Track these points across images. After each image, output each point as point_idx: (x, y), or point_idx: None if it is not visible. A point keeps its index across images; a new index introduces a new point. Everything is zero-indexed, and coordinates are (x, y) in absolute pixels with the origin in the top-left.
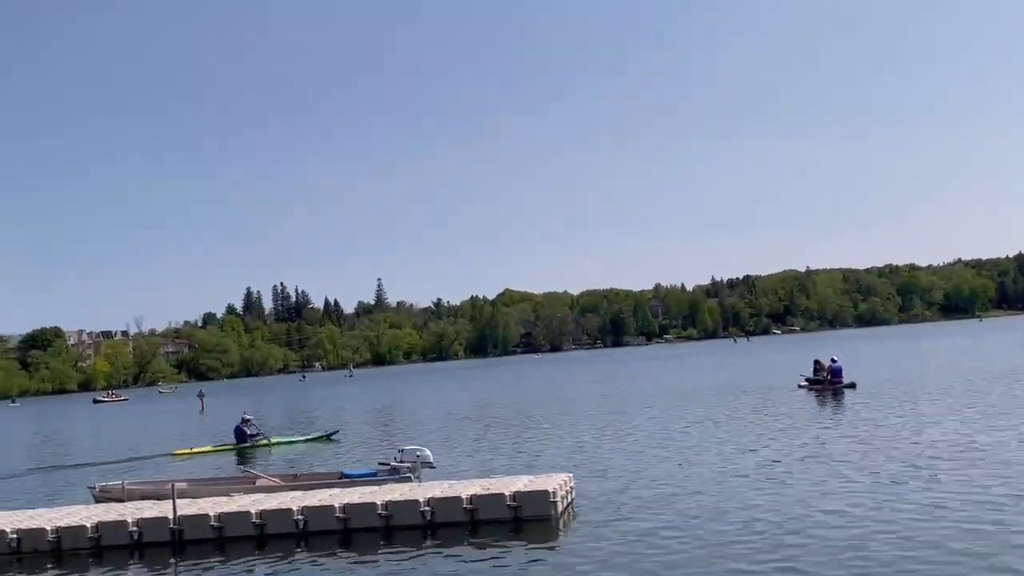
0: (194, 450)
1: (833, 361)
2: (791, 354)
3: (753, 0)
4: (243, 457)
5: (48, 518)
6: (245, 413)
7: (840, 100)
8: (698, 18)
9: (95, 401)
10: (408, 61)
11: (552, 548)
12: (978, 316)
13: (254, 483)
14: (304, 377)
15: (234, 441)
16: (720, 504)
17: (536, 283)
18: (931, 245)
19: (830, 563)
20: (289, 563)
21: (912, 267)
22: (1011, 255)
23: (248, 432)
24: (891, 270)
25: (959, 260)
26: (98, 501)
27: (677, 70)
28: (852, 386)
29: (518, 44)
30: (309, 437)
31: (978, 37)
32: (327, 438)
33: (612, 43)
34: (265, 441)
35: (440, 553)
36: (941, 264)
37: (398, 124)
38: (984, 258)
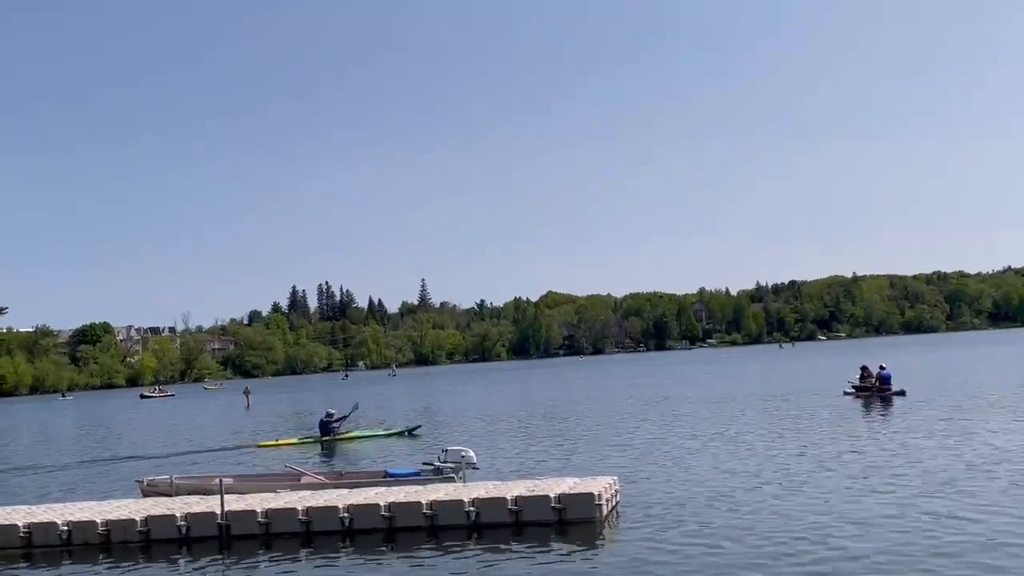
0: (279, 442)
1: (882, 368)
2: (837, 360)
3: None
4: (327, 449)
5: (97, 511)
6: (329, 409)
7: (891, 106)
8: (762, 15)
9: (142, 396)
10: (453, 59)
11: (596, 551)
12: None
13: (299, 480)
14: (347, 376)
15: (318, 434)
16: (766, 512)
17: (579, 285)
18: (980, 252)
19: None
20: (334, 560)
21: (961, 274)
22: None
23: (332, 424)
24: (939, 277)
25: (1009, 268)
26: (145, 495)
27: (729, 72)
28: (901, 393)
29: (560, 40)
30: (391, 432)
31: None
32: (409, 433)
33: (666, 39)
34: (349, 434)
35: (484, 553)
36: (991, 272)
37: (443, 125)
38: None
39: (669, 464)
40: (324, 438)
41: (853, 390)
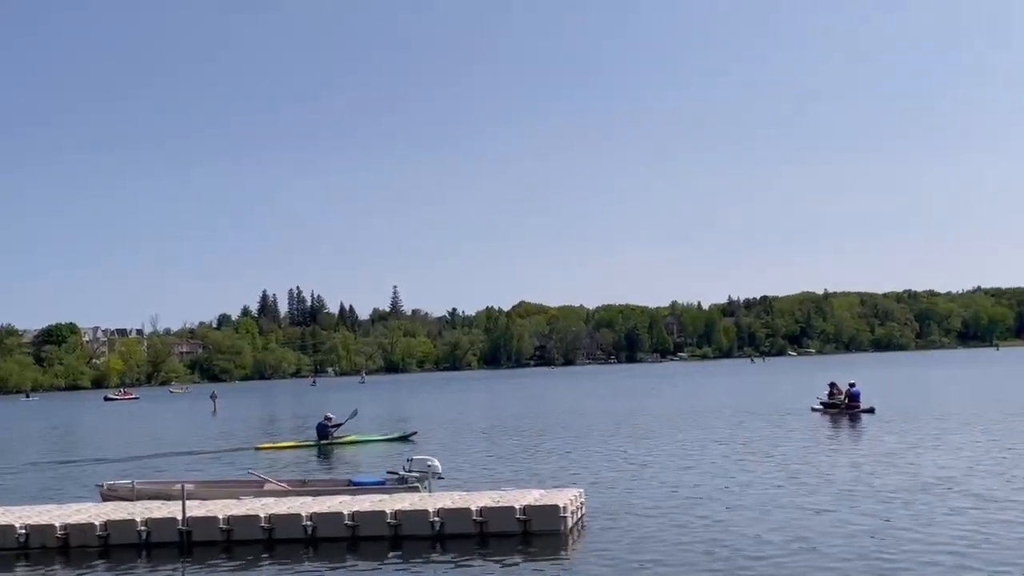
0: (277, 444)
1: (851, 385)
2: (807, 376)
3: (783, 22)
4: (324, 453)
5: (56, 515)
6: (328, 413)
7: (865, 125)
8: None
9: (106, 399)
10: (425, 67)
11: (560, 563)
12: (996, 345)
13: (262, 487)
14: (315, 382)
15: (316, 438)
16: (729, 525)
17: (551, 296)
18: (950, 272)
19: None
20: (297, 569)
21: (931, 293)
22: None
23: (329, 428)
24: (909, 295)
25: (979, 288)
26: (105, 499)
27: (705, 88)
28: (871, 411)
29: (537, 53)
30: (388, 437)
31: (999, 66)
32: (405, 438)
33: (641, 55)
34: (347, 438)
35: (448, 564)
36: (960, 291)
37: (417, 133)
38: (1004, 286)
39: (636, 478)
40: (322, 442)
41: (821, 407)
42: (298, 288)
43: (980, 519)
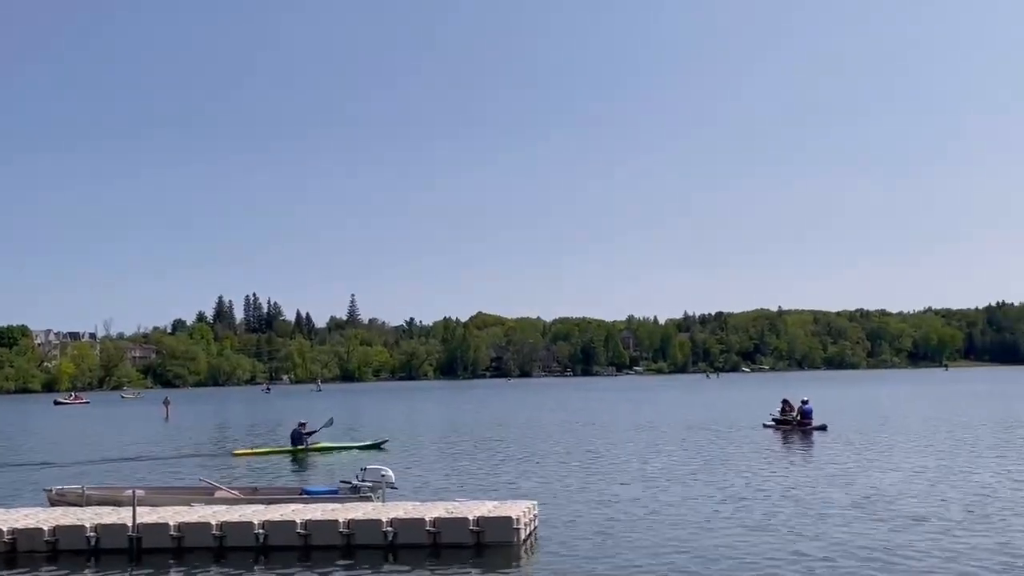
0: (255, 450)
1: (804, 402)
2: (761, 393)
3: (747, 45)
4: (298, 460)
5: (3, 519)
6: (301, 419)
7: (823, 144)
8: (691, 54)
9: (56, 403)
10: (387, 77)
11: (511, 574)
12: (945, 365)
13: (213, 494)
14: (268, 389)
15: (291, 444)
16: (680, 539)
17: (509, 308)
18: (902, 292)
19: None
20: None
21: (883, 313)
22: (981, 307)
23: (304, 434)
24: (862, 314)
25: (929, 309)
26: (53, 505)
27: (661, 104)
28: (823, 428)
29: (505, 70)
30: (361, 444)
31: (958, 90)
32: (377, 447)
33: (603, 72)
34: (320, 444)
35: (401, 574)
36: (911, 312)
37: (378, 140)
38: (954, 308)
39: (589, 491)
40: (297, 448)
41: (773, 423)
42: (254, 295)
43: (911, 539)
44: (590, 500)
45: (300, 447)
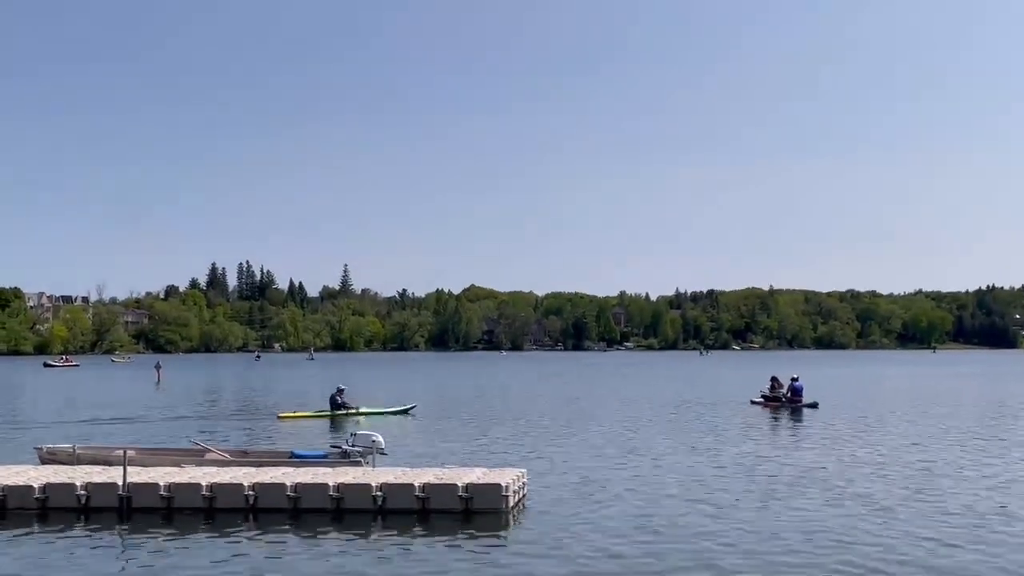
0: (297, 413)
1: (794, 380)
2: (751, 370)
3: (740, 24)
4: (336, 424)
5: None
6: (340, 384)
7: (818, 126)
8: (683, 34)
9: (45, 365)
10: (392, 47)
11: (499, 541)
12: (933, 347)
13: (204, 456)
14: (259, 357)
15: (328, 409)
16: (664, 508)
17: (501, 281)
18: (894, 274)
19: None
20: (236, 538)
21: (873, 294)
22: (971, 290)
23: (341, 401)
24: (852, 295)
25: (920, 291)
26: (44, 463)
27: (656, 84)
28: (814, 405)
29: (506, 44)
30: (392, 410)
31: (954, 74)
32: (406, 412)
33: (595, 47)
34: (355, 410)
35: (389, 538)
36: (902, 293)
37: (376, 110)
38: (944, 291)
39: (578, 461)
40: (336, 412)
41: (762, 400)
42: (248, 262)
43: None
44: (579, 470)
45: (339, 411)
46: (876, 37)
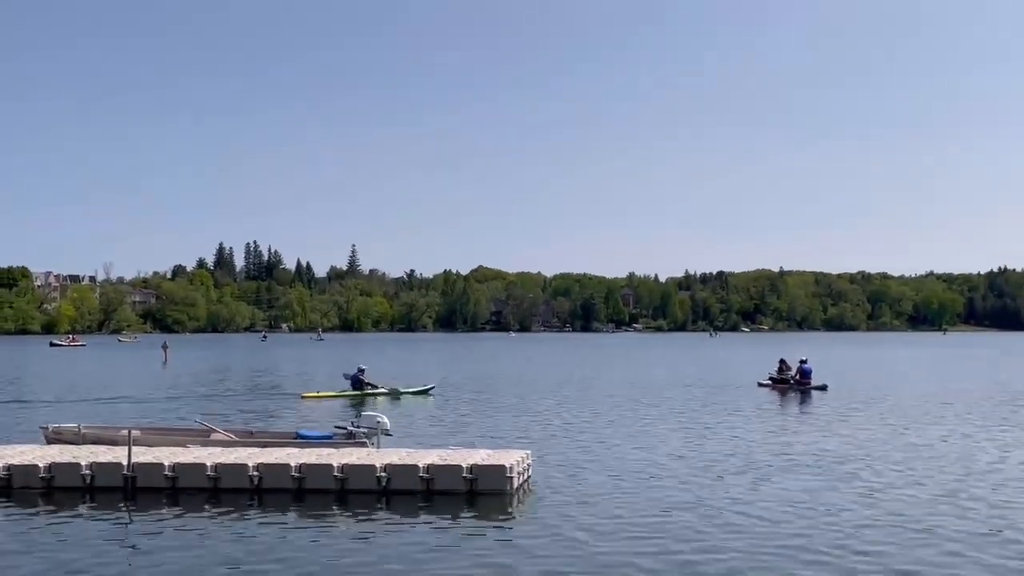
0: (320, 394)
1: (803, 362)
2: (760, 352)
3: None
4: (357, 403)
5: None
6: (361, 364)
7: (828, 109)
8: (697, 16)
9: (51, 344)
10: (404, 26)
11: (504, 522)
12: (944, 329)
13: (209, 436)
14: (265, 337)
15: (351, 388)
16: (668, 488)
17: (510, 262)
18: (905, 256)
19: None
20: (241, 518)
21: (884, 276)
22: (983, 272)
23: (363, 380)
24: (863, 277)
25: (931, 273)
26: (49, 443)
27: (671, 64)
28: (823, 388)
29: (519, 22)
30: (412, 390)
31: (963, 52)
32: (425, 393)
33: (614, 28)
34: (377, 390)
35: (393, 519)
36: (913, 275)
37: (385, 90)
38: (956, 273)
39: (583, 443)
40: (356, 392)
41: (769, 382)
42: (255, 242)
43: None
44: (583, 452)
45: (360, 391)
46: (878, 22)
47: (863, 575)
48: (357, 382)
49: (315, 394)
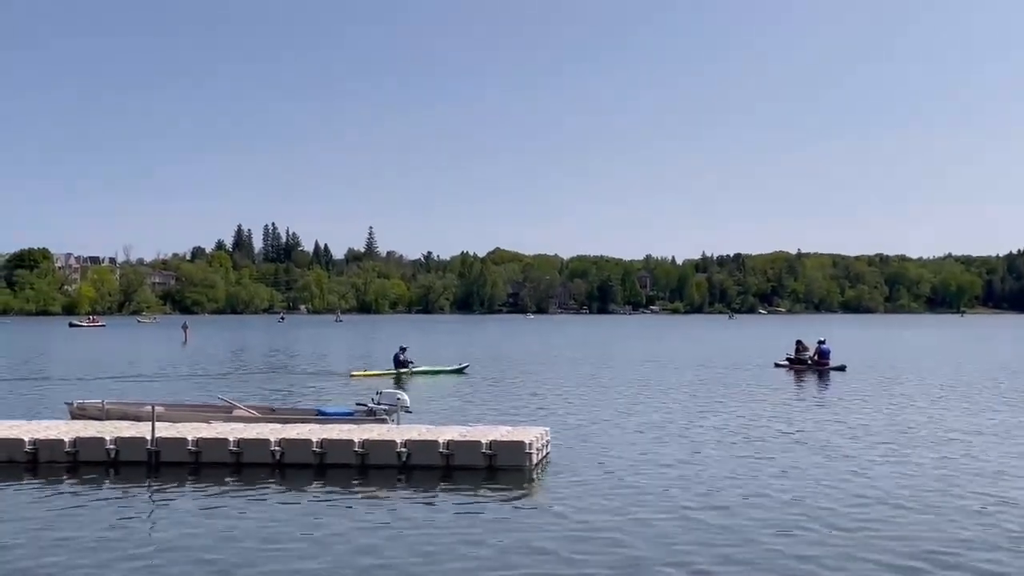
0: (367, 372)
1: (821, 343)
2: (777, 333)
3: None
4: (398, 381)
5: (25, 430)
6: (402, 344)
7: (844, 94)
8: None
9: (71, 325)
10: (422, 11)
11: (523, 497)
12: (962, 312)
13: (231, 412)
14: (283, 318)
15: (392, 367)
16: (683, 465)
17: (527, 244)
18: (923, 238)
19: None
20: (263, 492)
21: (902, 258)
22: (1002, 254)
23: (404, 359)
24: (881, 259)
25: (949, 255)
26: (74, 418)
27: (687, 47)
28: (841, 368)
29: (534, 7)
30: (446, 369)
31: (978, 40)
32: (460, 371)
33: (627, 11)
34: (418, 368)
35: (413, 494)
36: (931, 258)
37: (404, 73)
38: (974, 255)
39: (602, 421)
40: (400, 370)
41: (787, 362)
42: (273, 224)
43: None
44: (602, 430)
45: (402, 369)
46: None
47: (897, 556)
48: (397, 360)
49: (363, 372)
